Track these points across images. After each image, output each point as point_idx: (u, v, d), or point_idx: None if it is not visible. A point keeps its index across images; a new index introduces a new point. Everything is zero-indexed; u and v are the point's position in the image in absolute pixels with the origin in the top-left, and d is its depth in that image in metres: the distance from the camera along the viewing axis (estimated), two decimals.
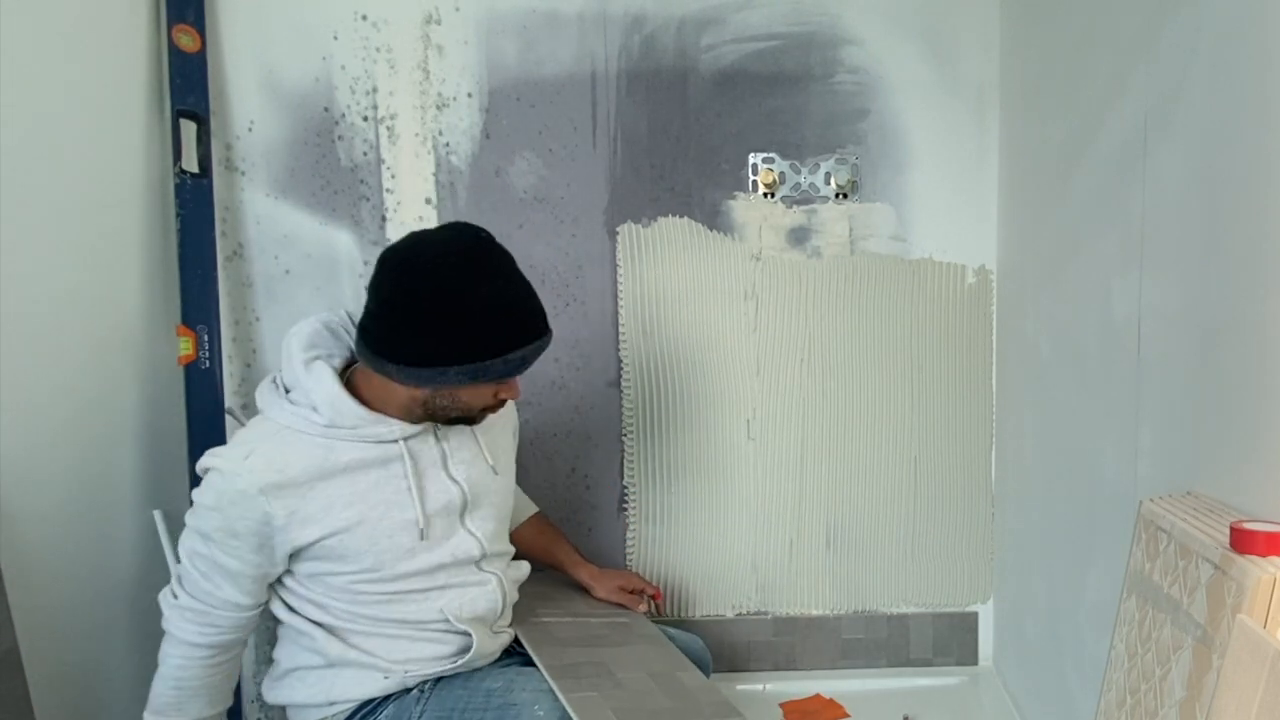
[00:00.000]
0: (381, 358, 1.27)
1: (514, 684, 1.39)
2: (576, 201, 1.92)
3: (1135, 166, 1.24)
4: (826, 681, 1.97)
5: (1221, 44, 1.02)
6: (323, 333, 1.37)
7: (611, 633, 1.65)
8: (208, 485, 1.28)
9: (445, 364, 1.25)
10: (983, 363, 1.99)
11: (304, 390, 1.31)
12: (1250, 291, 0.96)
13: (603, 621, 1.68)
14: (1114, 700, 1.07)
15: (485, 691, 1.38)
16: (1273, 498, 0.92)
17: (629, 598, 1.76)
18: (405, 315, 1.24)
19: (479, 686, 1.39)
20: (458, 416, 1.35)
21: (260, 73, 1.86)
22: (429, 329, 1.23)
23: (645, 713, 1.41)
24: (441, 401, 1.31)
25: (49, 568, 1.44)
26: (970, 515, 2.02)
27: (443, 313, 1.23)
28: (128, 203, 1.71)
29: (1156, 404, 1.19)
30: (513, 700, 1.37)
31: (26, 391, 1.40)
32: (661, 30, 1.90)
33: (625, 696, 1.42)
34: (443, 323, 1.23)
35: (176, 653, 1.34)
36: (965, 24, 1.90)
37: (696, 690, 1.54)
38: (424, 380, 1.27)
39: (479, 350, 1.25)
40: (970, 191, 1.94)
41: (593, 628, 1.63)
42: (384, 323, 1.26)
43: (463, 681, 1.39)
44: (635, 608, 1.77)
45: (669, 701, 1.47)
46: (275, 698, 1.44)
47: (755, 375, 1.98)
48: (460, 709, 1.37)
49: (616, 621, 1.71)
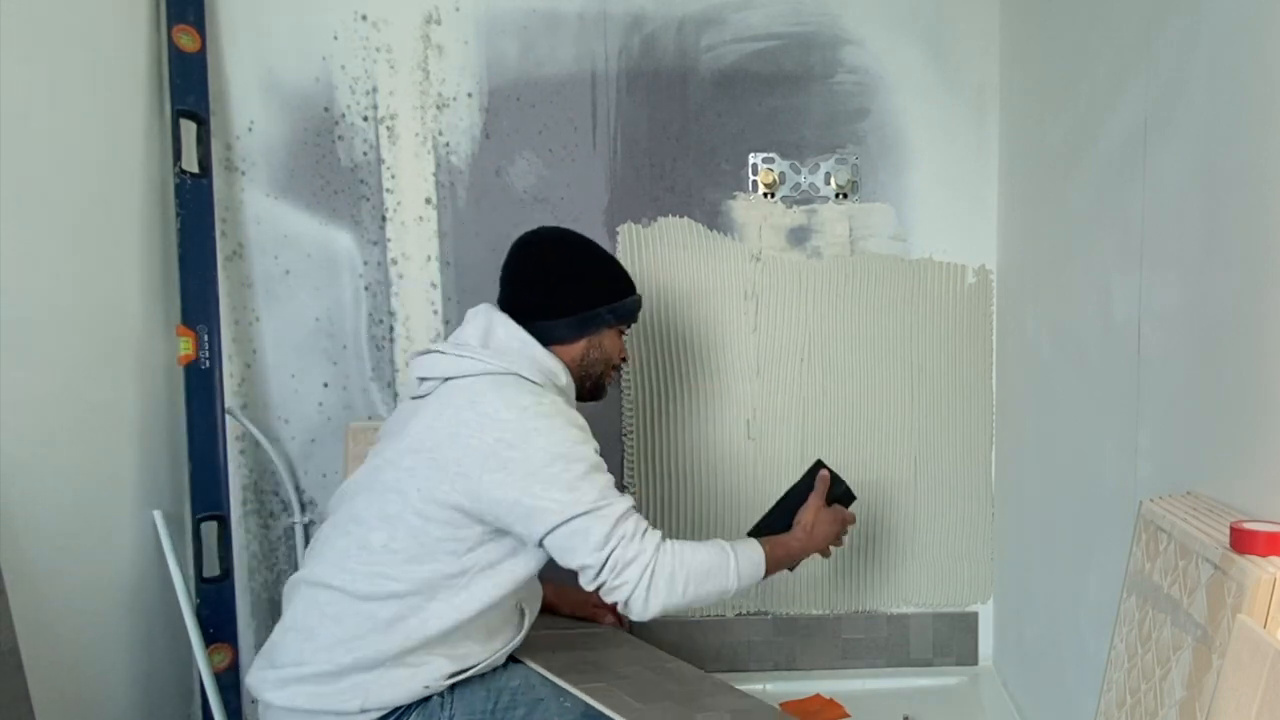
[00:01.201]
0: (551, 318, 1.44)
1: (530, 680, 1.40)
2: (576, 201, 1.92)
3: (1135, 166, 1.24)
4: (826, 681, 1.97)
5: (1221, 44, 1.02)
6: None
7: (591, 639, 1.68)
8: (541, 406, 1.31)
9: (599, 303, 1.47)
10: (983, 363, 1.98)
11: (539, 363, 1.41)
12: (1250, 291, 0.96)
13: (578, 632, 1.72)
14: (1114, 700, 1.07)
15: (510, 690, 1.38)
16: (1273, 498, 0.91)
17: (596, 610, 1.78)
18: (562, 274, 1.47)
19: (501, 686, 1.38)
20: (594, 384, 1.52)
21: (260, 73, 1.86)
22: (583, 277, 1.48)
23: (658, 695, 1.43)
24: (593, 354, 1.49)
25: (49, 568, 1.44)
26: (970, 515, 2.02)
27: (589, 263, 1.50)
28: (128, 203, 1.71)
29: (1156, 404, 1.19)
30: (539, 696, 1.38)
31: (27, 391, 1.40)
32: (661, 30, 1.90)
33: (632, 686, 1.45)
34: (591, 270, 1.49)
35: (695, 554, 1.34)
36: (965, 24, 1.90)
37: (694, 677, 1.57)
38: (586, 325, 1.46)
39: (619, 288, 1.51)
40: (970, 191, 1.94)
41: (572, 637, 1.66)
42: (545, 286, 1.46)
43: (481, 683, 1.38)
44: (603, 620, 1.79)
45: (675, 686, 1.50)
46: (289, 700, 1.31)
47: (755, 375, 1.98)
48: (489, 709, 1.36)
49: (591, 631, 1.74)
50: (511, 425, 1.28)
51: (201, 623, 1.74)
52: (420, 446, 1.31)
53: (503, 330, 1.41)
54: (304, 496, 1.96)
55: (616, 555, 1.28)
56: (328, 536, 1.39)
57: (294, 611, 1.37)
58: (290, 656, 1.33)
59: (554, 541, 1.29)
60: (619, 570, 1.28)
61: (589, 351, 1.48)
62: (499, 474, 1.27)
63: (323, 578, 1.34)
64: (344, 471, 1.89)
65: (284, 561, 1.97)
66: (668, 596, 1.30)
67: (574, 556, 1.29)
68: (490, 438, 1.28)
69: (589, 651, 1.60)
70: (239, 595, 1.88)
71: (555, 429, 1.30)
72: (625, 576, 1.28)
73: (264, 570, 1.97)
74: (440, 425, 1.31)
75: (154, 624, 1.72)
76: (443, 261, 1.93)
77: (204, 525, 1.80)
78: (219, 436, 1.79)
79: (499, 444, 1.28)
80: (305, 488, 1.95)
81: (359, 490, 1.37)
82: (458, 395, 1.33)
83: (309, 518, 1.96)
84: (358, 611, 1.30)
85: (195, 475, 1.78)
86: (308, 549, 1.45)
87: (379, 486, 1.34)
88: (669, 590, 1.30)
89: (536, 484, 1.27)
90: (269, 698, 1.33)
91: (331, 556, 1.35)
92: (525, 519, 1.29)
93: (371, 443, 1.47)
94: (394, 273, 1.93)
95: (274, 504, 1.96)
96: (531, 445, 1.28)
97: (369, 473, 1.38)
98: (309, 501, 1.96)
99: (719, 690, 1.61)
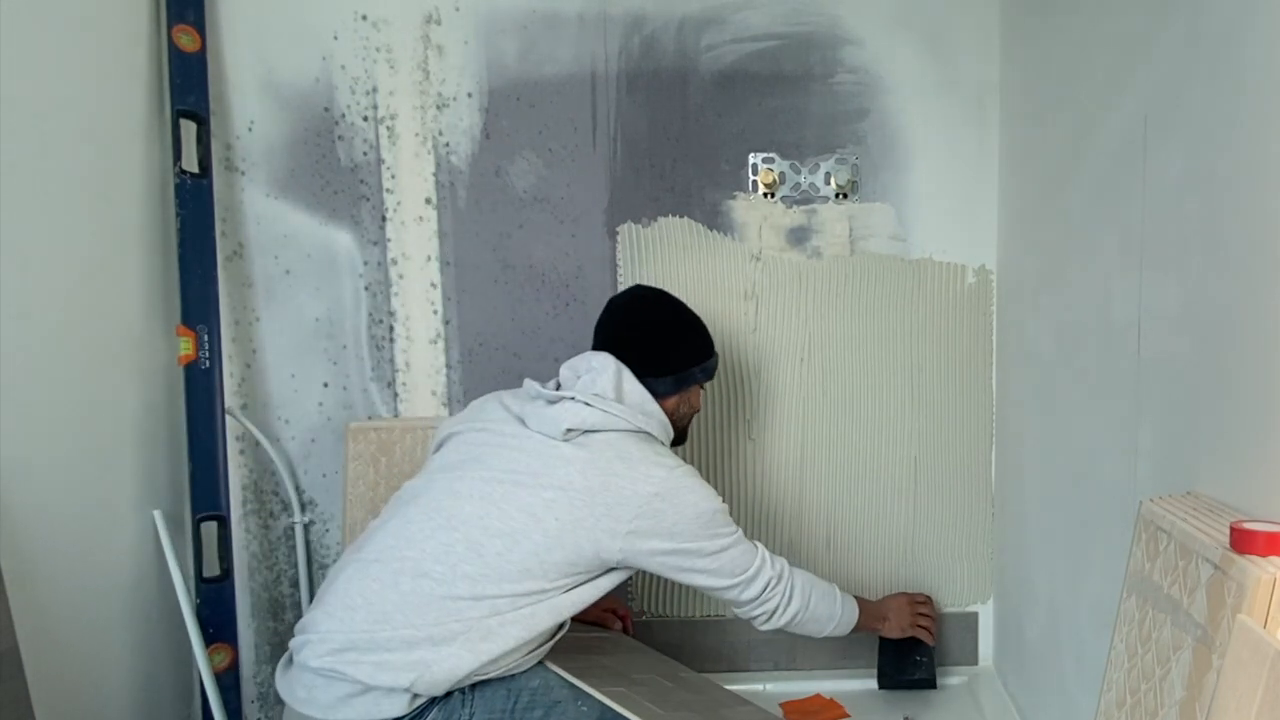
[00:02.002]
0: (656, 375, 1.55)
1: (549, 682, 1.41)
2: (576, 201, 1.92)
3: (1135, 166, 1.24)
4: (826, 681, 1.97)
5: (1221, 44, 1.02)
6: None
7: (603, 644, 1.68)
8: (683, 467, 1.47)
9: (695, 362, 1.60)
10: (983, 363, 1.98)
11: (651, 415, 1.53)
12: (1250, 292, 0.96)
13: (591, 636, 1.72)
14: (1114, 700, 1.07)
15: (530, 690, 1.39)
16: (1273, 498, 0.91)
17: (605, 616, 1.83)
18: (665, 334, 1.59)
19: (521, 686, 1.39)
20: (680, 435, 1.63)
21: (260, 73, 1.86)
22: (683, 338, 1.61)
23: (675, 703, 1.44)
24: (683, 409, 1.62)
25: (49, 568, 1.44)
26: (970, 515, 2.02)
27: (686, 325, 1.62)
28: (128, 203, 1.71)
29: (1156, 404, 1.19)
30: (556, 698, 1.40)
31: (27, 391, 1.40)
32: (661, 30, 1.90)
33: (649, 692, 1.45)
34: (688, 331, 1.62)
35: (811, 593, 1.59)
36: (965, 24, 1.90)
37: (707, 687, 1.58)
38: (682, 383, 1.59)
39: (707, 347, 1.63)
40: (970, 191, 1.94)
41: (585, 641, 1.66)
42: (649, 345, 1.57)
43: (501, 683, 1.39)
44: (611, 625, 1.83)
45: (689, 695, 1.51)
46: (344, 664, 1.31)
47: (755, 375, 1.98)
48: (509, 708, 1.37)
49: (602, 636, 1.76)
50: (662, 480, 1.42)
51: (201, 623, 1.75)
52: (568, 486, 1.39)
53: (629, 385, 1.51)
54: (304, 496, 1.96)
55: (766, 578, 1.51)
56: (421, 525, 1.39)
57: (364, 589, 1.35)
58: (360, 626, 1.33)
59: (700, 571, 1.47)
60: (770, 588, 1.52)
61: (679, 406, 1.61)
62: (649, 521, 1.40)
63: (420, 564, 1.35)
64: (344, 471, 1.89)
65: (284, 561, 1.97)
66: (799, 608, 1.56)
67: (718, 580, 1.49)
68: (645, 490, 1.40)
69: (603, 656, 1.60)
70: (239, 595, 1.88)
71: (699, 487, 1.45)
72: (773, 593, 1.53)
73: (264, 570, 1.97)
74: (593, 474, 1.40)
75: (154, 624, 1.72)
76: (443, 261, 1.93)
77: (204, 525, 1.80)
78: (219, 436, 1.79)
79: (655, 498, 1.40)
80: (305, 488, 1.96)
81: (461, 495, 1.40)
82: (608, 449, 1.44)
83: (309, 518, 1.96)
84: (443, 608, 1.33)
85: (195, 475, 1.78)
86: (379, 526, 1.43)
87: (500, 500, 1.39)
88: (801, 602, 1.56)
89: (687, 542, 1.43)
90: (319, 662, 1.32)
91: (432, 549, 1.36)
92: (672, 570, 1.45)
93: (371, 442, 1.48)
94: (394, 273, 1.93)
95: (274, 504, 1.96)
96: (683, 501, 1.43)
97: (479, 484, 1.41)
98: (309, 501, 1.96)
99: (735, 702, 1.62)
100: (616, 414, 1.46)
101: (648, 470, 1.42)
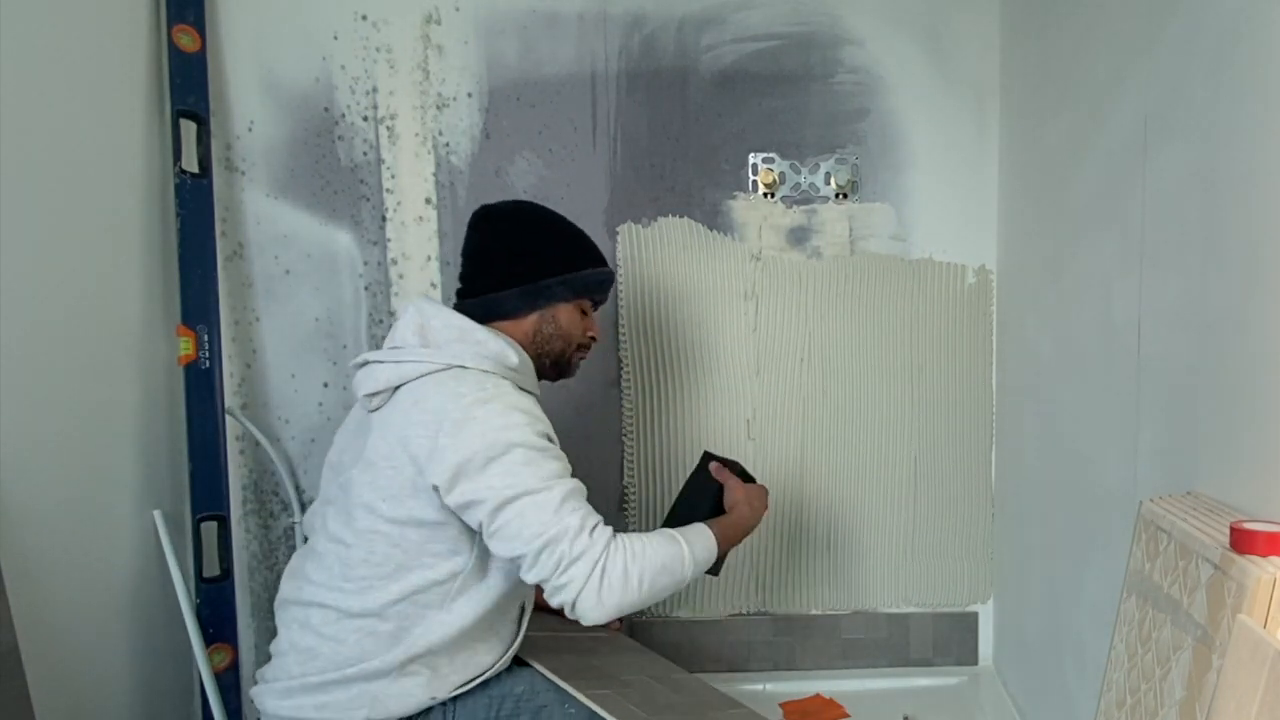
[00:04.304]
0: (497, 289, 1.39)
1: (535, 686, 1.39)
2: (576, 201, 1.92)
3: (1135, 166, 1.24)
4: (826, 681, 1.97)
5: (1221, 44, 1.02)
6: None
7: (597, 645, 1.67)
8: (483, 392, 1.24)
9: (548, 274, 1.40)
10: (983, 363, 1.99)
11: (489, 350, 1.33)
12: (1250, 292, 0.96)
13: (585, 635, 1.70)
14: (1114, 700, 1.07)
15: (514, 697, 1.36)
16: (1273, 498, 0.91)
17: None
18: (512, 240, 1.41)
19: (505, 693, 1.36)
20: (555, 363, 1.44)
21: (260, 73, 1.86)
22: (533, 243, 1.41)
23: (661, 706, 1.43)
24: (547, 329, 1.42)
25: (49, 568, 1.44)
26: (970, 515, 2.02)
27: (542, 229, 1.43)
28: (128, 203, 1.71)
29: (1156, 404, 1.19)
30: (542, 703, 1.37)
31: (27, 391, 1.40)
32: (661, 30, 1.90)
33: (636, 695, 1.44)
34: (543, 237, 1.42)
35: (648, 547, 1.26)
36: (965, 24, 1.90)
37: (698, 688, 1.56)
38: (535, 297, 1.39)
39: (575, 261, 1.43)
40: (970, 191, 1.94)
41: (578, 641, 1.65)
42: (493, 256, 1.41)
43: (483, 690, 1.35)
44: (610, 625, 1.79)
45: (678, 697, 1.49)
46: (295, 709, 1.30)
47: (755, 375, 1.98)
48: (491, 717, 1.34)
49: (596, 635, 1.73)
50: (451, 416, 1.22)
51: (201, 623, 1.74)
52: (376, 458, 1.27)
53: (437, 321, 1.34)
54: (304, 496, 1.95)
55: (562, 551, 1.19)
56: (308, 556, 1.38)
57: (289, 635, 1.35)
58: (293, 671, 1.32)
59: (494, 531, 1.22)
60: (564, 567, 1.19)
61: (541, 326, 1.41)
62: (438, 465, 1.21)
63: (314, 597, 1.32)
64: None
65: (284, 561, 1.97)
66: (623, 595, 1.21)
67: (510, 545, 1.21)
68: (435, 434, 1.22)
69: (593, 656, 1.59)
70: (239, 595, 1.88)
71: (493, 414, 1.22)
72: (571, 574, 1.19)
73: (264, 570, 1.97)
74: (391, 434, 1.26)
75: (154, 624, 1.72)
76: (443, 261, 1.93)
77: (204, 525, 1.80)
78: (219, 436, 1.79)
79: (440, 435, 1.22)
80: (305, 488, 1.96)
81: (329, 509, 1.36)
82: (405, 399, 1.28)
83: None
84: (358, 628, 1.28)
85: (195, 475, 1.78)
86: (288, 569, 1.43)
87: (346, 503, 1.31)
88: (624, 588, 1.21)
89: (472, 471, 1.20)
90: (272, 707, 1.32)
91: (318, 576, 1.33)
92: (467, 510, 1.23)
93: None
94: (394, 273, 1.93)
95: (274, 504, 1.96)
96: (467, 433, 1.21)
97: (336, 491, 1.35)
98: (309, 501, 1.96)
99: (726, 704, 1.61)
100: (416, 359, 1.29)
101: (440, 408, 1.23)
